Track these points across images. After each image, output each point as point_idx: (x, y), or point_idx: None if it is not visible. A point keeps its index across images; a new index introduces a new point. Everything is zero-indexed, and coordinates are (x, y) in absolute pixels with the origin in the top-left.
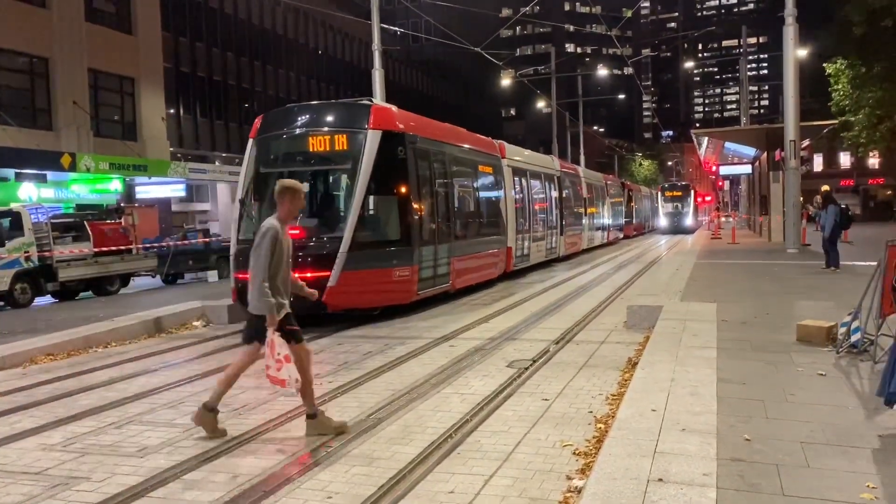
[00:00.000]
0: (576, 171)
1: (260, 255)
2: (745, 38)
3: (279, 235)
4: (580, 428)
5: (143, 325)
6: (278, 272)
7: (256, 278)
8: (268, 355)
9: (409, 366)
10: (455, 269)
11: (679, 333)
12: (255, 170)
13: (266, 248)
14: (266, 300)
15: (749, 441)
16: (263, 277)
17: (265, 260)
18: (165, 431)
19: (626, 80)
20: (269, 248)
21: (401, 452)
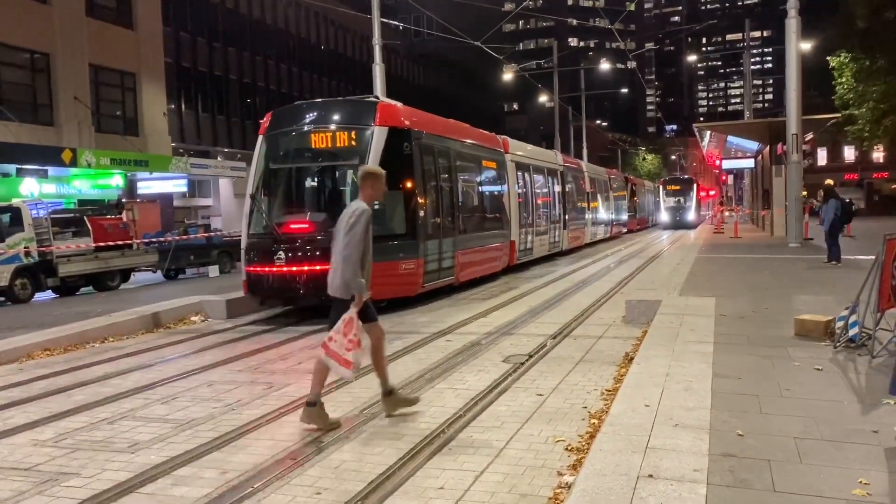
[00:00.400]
0: (579, 166)
1: (355, 236)
2: (749, 32)
3: (371, 217)
4: (574, 423)
5: (141, 320)
6: (366, 254)
7: (350, 258)
8: (341, 333)
9: (403, 361)
10: (459, 263)
11: (676, 328)
12: (266, 165)
13: (361, 229)
14: (358, 280)
15: (742, 436)
16: (357, 258)
17: (360, 240)
18: (158, 427)
19: (630, 74)
20: (363, 229)
21: (392, 448)
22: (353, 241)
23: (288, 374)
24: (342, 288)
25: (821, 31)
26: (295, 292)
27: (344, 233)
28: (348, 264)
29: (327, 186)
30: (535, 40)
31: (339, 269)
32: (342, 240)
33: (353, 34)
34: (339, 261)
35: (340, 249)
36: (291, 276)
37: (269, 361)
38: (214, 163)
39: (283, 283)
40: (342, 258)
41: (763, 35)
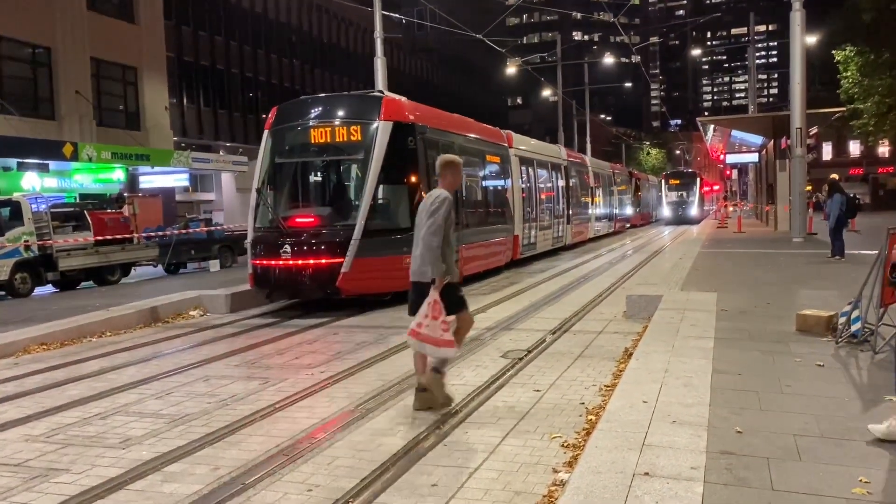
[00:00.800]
0: (583, 161)
1: (437, 221)
2: (753, 26)
3: (452, 204)
4: (571, 419)
5: (139, 314)
6: (449, 239)
7: (433, 243)
8: (428, 315)
9: (401, 356)
10: (462, 257)
11: (677, 323)
12: (271, 160)
13: (443, 214)
14: (439, 265)
15: (741, 433)
16: (439, 243)
17: (441, 226)
18: (151, 422)
19: (634, 69)
20: (446, 215)
21: (386, 444)
22: (434, 226)
23: (284, 370)
24: (424, 272)
25: (826, 24)
26: (300, 285)
27: (426, 218)
28: (429, 249)
29: (332, 181)
30: (539, 34)
31: (420, 254)
32: (425, 225)
33: (355, 28)
34: (421, 246)
35: (423, 235)
36: (297, 269)
37: (266, 356)
38: (216, 157)
39: (289, 276)
40: (424, 243)
41: (768, 29)
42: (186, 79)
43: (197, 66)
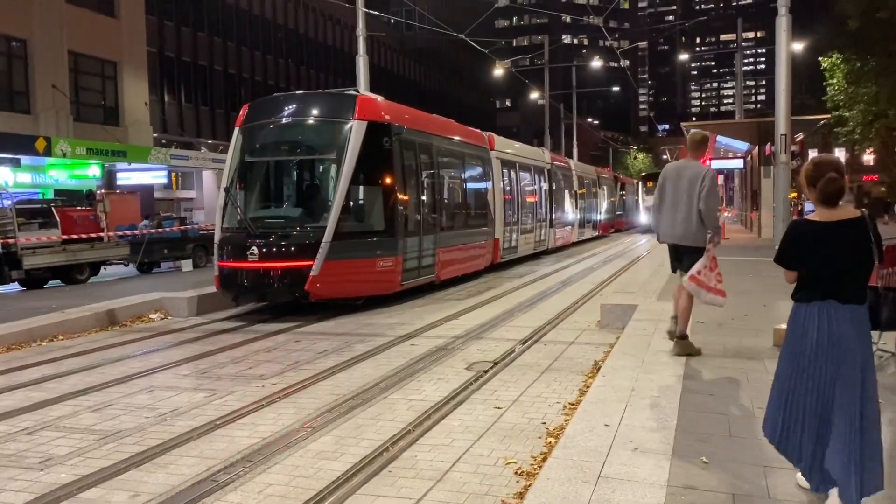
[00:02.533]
0: (567, 164)
1: (713, 192)
2: (741, 32)
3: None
4: (529, 442)
5: (95, 317)
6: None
7: (711, 210)
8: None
9: (362, 367)
10: (440, 261)
11: (649, 336)
12: (241, 158)
13: (714, 185)
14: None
15: (707, 464)
16: (715, 207)
17: (715, 194)
18: (80, 439)
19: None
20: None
21: (326, 469)
22: (711, 197)
23: (235, 381)
24: (695, 236)
25: (813, 31)
26: (268, 289)
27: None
28: (710, 211)
29: (304, 181)
30: (529, 37)
31: (689, 220)
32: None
33: (342, 26)
34: (692, 213)
35: (695, 204)
36: (265, 271)
37: (219, 365)
38: (195, 154)
39: (256, 279)
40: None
41: (757, 36)
42: (168, 74)
43: (179, 61)
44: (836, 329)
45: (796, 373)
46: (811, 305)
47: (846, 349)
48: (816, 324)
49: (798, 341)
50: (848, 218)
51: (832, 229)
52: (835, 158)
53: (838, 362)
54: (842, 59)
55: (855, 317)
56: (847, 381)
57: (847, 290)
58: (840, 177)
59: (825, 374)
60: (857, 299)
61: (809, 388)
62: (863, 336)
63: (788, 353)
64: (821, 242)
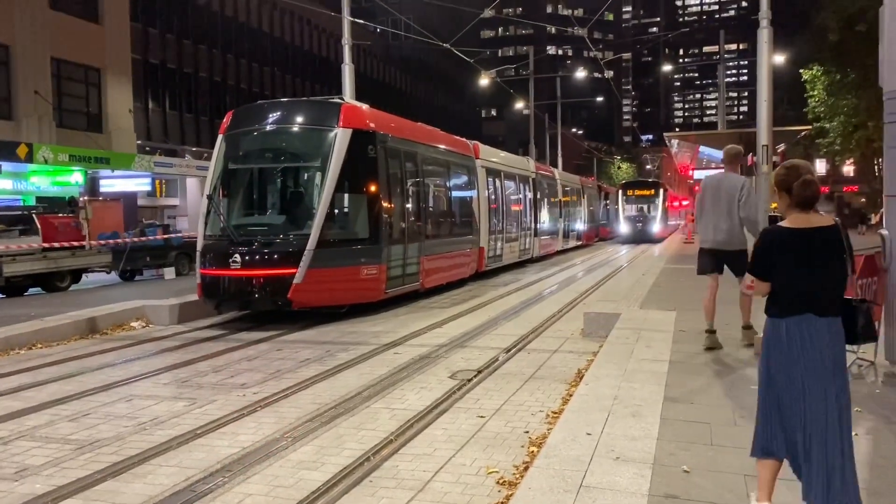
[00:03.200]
0: (552, 173)
1: (752, 201)
2: (723, 43)
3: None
4: (511, 451)
5: (75, 325)
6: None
7: (754, 217)
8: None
9: (344, 376)
10: (425, 269)
11: (632, 344)
12: (224, 165)
13: (752, 194)
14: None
15: (688, 473)
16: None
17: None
18: (56, 449)
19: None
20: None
21: (306, 479)
22: (753, 204)
23: (216, 389)
24: (736, 241)
25: (794, 44)
26: (250, 297)
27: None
28: (751, 220)
29: (288, 188)
30: (514, 47)
31: (731, 227)
32: (732, 205)
33: (327, 34)
34: (733, 221)
35: (735, 212)
36: (247, 279)
37: (200, 374)
38: (179, 161)
39: (239, 287)
40: (744, 217)
41: (739, 47)
42: (152, 81)
43: (164, 68)
44: (816, 344)
45: (782, 389)
46: (790, 320)
47: (826, 364)
48: (798, 339)
49: (782, 357)
50: (822, 225)
51: (807, 236)
52: (806, 162)
53: (820, 377)
54: (822, 72)
55: (832, 330)
56: (828, 395)
57: (824, 302)
58: (814, 180)
59: (809, 390)
60: (834, 312)
61: (795, 405)
62: (840, 350)
63: (772, 369)
64: (795, 250)
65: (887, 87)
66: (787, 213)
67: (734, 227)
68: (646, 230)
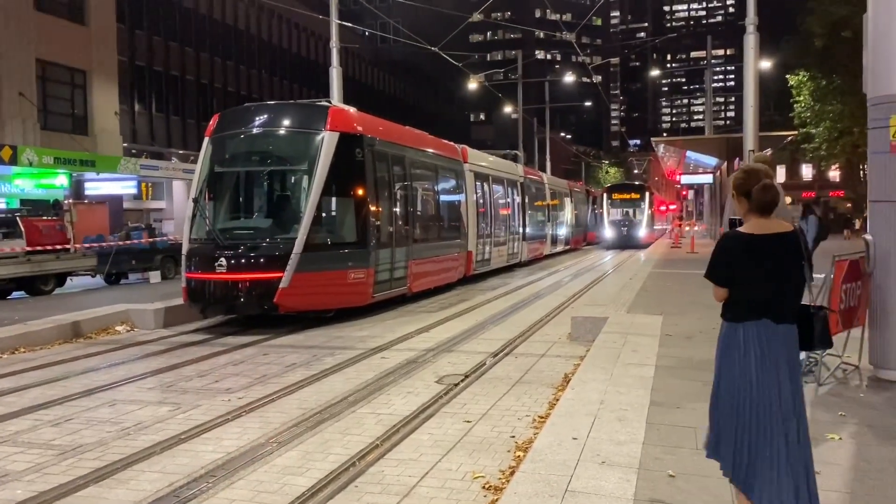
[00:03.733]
0: (540, 178)
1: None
2: (710, 49)
3: None
4: (497, 456)
5: (58, 329)
6: None
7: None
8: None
9: (331, 380)
10: (413, 273)
11: (619, 348)
12: (210, 168)
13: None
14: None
15: (673, 477)
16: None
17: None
18: (38, 454)
19: (595, 88)
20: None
21: (291, 484)
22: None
23: (200, 394)
24: None
25: (781, 50)
26: (236, 301)
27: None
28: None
29: (274, 192)
30: (503, 51)
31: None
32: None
33: (315, 37)
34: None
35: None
36: (233, 283)
37: (185, 378)
38: (165, 164)
39: (225, 291)
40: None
41: (726, 53)
42: (139, 84)
43: (150, 70)
44: (772, 350)
45: (740, 395)
46: (747, 325)
47: (781, 370)
48: (755, 344)
49: (740, 362)
50: (781, 231)
51: (765, 242)
52: (765, 167)
53: (774, 383)
54: (808, 77)
55: (788, 336)
56: (783, 401)
57: (781, 309)
58: (773, 184)
59: (763, 395)
60: (790, 318)
61: (749, 410)
62: (794, 356)
63: (726, 374)
64: (753, 257)
65: (871, 94)
66: (746, 217)
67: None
68: (631, 235)
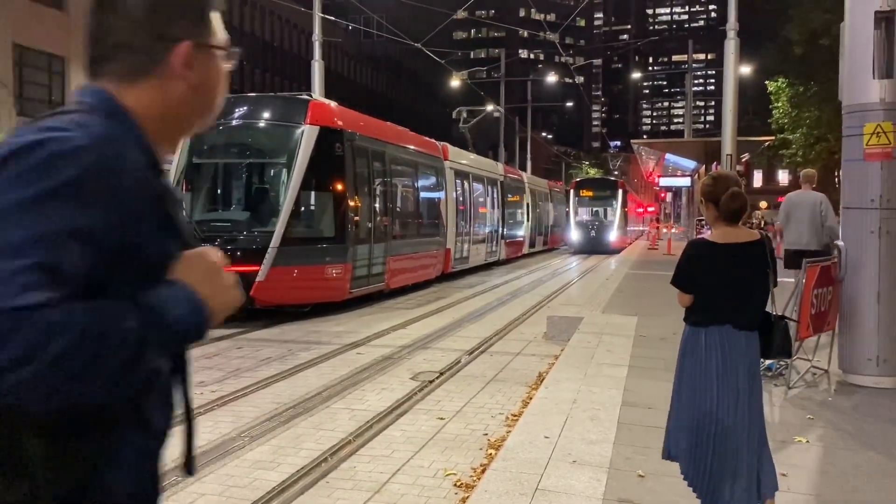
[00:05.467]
0: (520, 177)
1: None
2: (692, 53)
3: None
4: (470, 454)
5: None
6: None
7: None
8: None
9: (305, 375)
10: (391, 269)
11: (593, 348)
12: (188, 160)
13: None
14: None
15: (643, 477)
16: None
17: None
18: None
19: (577, 89)
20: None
21: (262, 479)
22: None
23: None
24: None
25: (760, 55)
26: None
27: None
28: (834, 230)
29: (253, 184)
30: (486, 50)
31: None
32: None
33: (298, 30)
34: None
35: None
36: None
37: None
38: None
39: None
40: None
41: (707, 57)
42: None
43: None
44: (732, 355)
45: (699, 398)
46: (710, 330)
47: (740, 376)
48: (716, 349)
49: (698, 366)
50: (748, 240)
51: (732, 251)
52: (733, 174)
53: (734, 389)
54: (787, 84)
55: (749, 344)
56: (740, 407)
57: (745, 316)
58: (742, 192)
59: (722, 401)
60: (752, 326)
61: (708, 415)
62: (755, 363)
63: (686, 378)
64: (719, 265)
65: (846, 102)
66: (714, 225)
67: (815, 232)
68: (600, 238)
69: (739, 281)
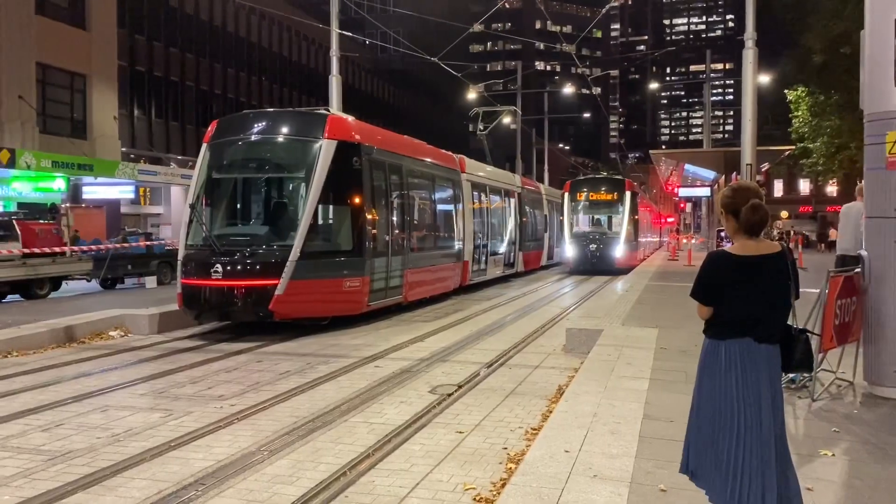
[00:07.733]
0: (537, 188)
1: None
2: (710, 63)
3: None
4: (489, 468)
5: (52, 333)
6: None
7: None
8: None
9: (323, 389)
10: (408, 282)
11: (613, 361)
12: (208, 174)
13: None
14: None
15: (665, 492)
16: None
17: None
18: (27, 459)
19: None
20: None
21: (281, 493)
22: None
23: (193, 401)
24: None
25: (779, 64)
26: (231, 308)
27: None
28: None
29: (271, 199)
30: (502, 62)
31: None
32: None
33: (316, 45)
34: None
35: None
36: (228, 290)
37: (178, 385)
38: (164, 170)
39: (220, 297)
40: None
41: (725, 67)
42: (138, 89)
43: (150, 76)
44: (753, 369)
45: (715, 412)
46: (729, 343)
47: (761, 390)
48: (736, 363)
49: (718, 380)
50: (769, 252)
51: (753, 264)
52: (755, 185)
53: (754, 403)
54: (806, 93)
55: (770, 357)
56: (763, 422)
57: (766, 329)
58: (763, 204)
59: (743, 415)
60: (774, 339)
61: (728, 429)
62: (776, 376)
63: (706, 392)
64: (739, 278)
65: (868, 110)
66: (734, 237)
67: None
68: (602, 255)
69: (760, 293)
